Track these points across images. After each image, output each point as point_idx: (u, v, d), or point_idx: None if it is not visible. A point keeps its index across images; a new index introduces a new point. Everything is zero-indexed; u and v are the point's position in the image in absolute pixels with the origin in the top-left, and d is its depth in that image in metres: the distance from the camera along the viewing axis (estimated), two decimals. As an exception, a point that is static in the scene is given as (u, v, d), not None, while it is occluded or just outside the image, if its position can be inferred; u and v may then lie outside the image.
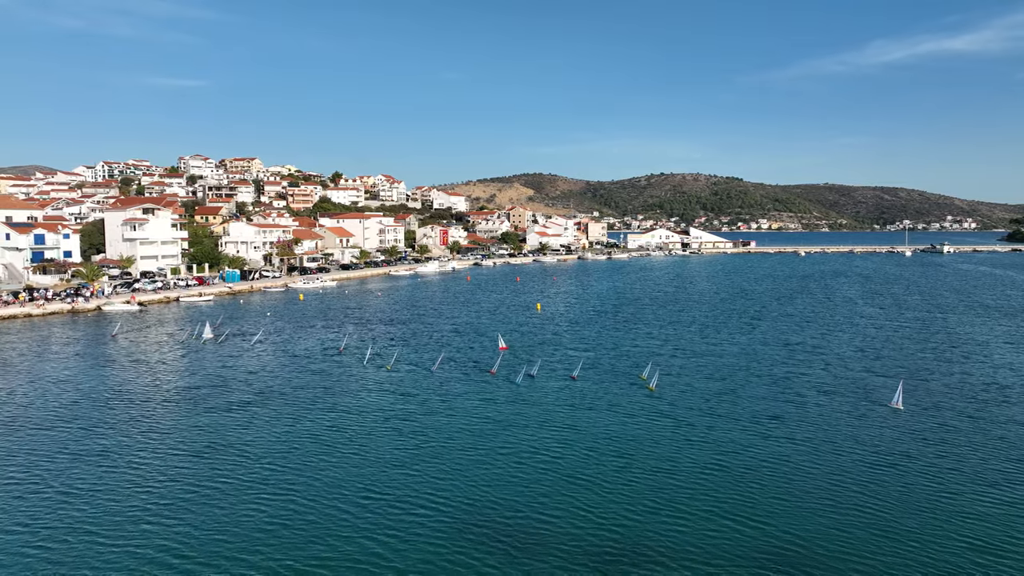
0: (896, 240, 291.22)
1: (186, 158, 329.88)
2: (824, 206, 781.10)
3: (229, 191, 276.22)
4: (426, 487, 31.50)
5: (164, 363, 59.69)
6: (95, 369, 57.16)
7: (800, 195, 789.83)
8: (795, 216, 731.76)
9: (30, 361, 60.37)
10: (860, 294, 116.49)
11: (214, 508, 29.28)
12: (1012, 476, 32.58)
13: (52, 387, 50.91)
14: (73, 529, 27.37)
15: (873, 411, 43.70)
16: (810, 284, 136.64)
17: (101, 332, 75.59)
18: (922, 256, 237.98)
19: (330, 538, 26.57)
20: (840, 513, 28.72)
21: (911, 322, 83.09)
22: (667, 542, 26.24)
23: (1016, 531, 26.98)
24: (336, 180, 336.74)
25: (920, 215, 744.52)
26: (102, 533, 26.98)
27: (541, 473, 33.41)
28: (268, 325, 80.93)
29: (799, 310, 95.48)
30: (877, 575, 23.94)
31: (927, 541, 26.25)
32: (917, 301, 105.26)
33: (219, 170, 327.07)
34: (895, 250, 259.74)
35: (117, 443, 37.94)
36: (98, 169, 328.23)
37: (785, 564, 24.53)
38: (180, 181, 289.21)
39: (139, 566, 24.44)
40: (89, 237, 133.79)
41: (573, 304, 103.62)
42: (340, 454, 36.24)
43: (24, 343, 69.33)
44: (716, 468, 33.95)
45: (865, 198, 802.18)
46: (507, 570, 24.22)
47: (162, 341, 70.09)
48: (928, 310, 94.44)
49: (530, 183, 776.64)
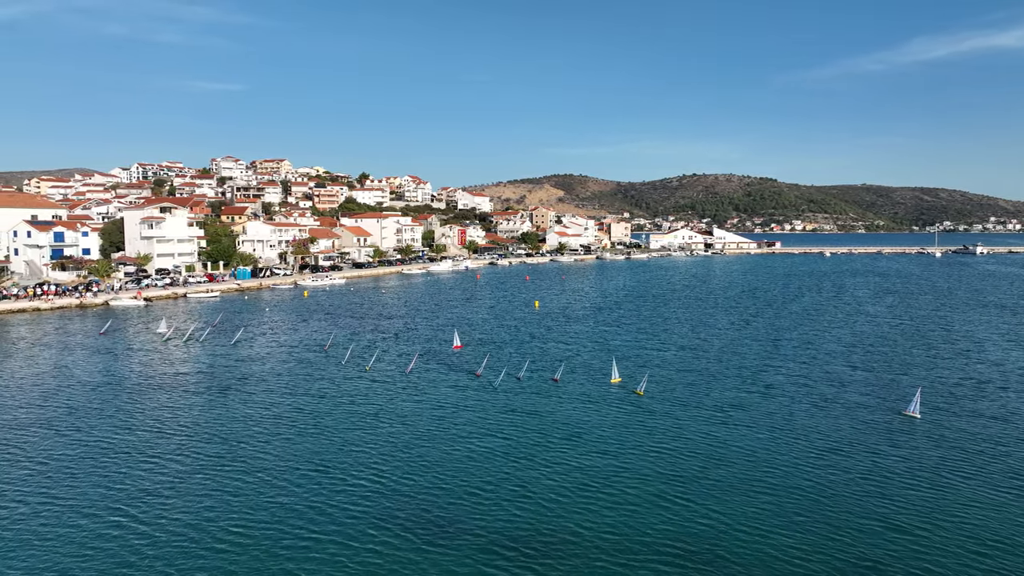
0: (927, 241, 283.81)
1: (218, 160, 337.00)
2: (861, 207, 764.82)
3: (257, 192, 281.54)
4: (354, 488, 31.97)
5: (123, 358, 61.28)
6: (34, 365, 59.01)
7: (836, 196, 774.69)
8: (830, 217, 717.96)
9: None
10: (869, 295, 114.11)
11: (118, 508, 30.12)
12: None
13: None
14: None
15: (832, 406, 43.06)
16: (824, 282, 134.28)
17: (94, 327, 77.78)
18: (952, 257, 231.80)
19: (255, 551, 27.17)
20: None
21: (910, 320, 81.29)
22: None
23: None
24: (362, 181, 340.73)
25: (962, 216, 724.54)
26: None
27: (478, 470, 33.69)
28: (254, 322, 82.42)
29: (802, 307, 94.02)
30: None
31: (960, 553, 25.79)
32: (928, 300, 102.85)
33: (249, 171, 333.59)
34: (925, 251, 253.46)
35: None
36: (133, 171, 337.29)
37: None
38: (211, 182, 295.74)
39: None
40: (109, 235, 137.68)
41: (573, 301, 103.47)
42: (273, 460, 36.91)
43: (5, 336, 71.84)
44: (690, 459, 33.87)
45: (904, 199, 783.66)
46: (422, 563, 24.58)
47: (142, 339, 71.32)
48: (935, 308, 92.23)
49: (560, 184, 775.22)
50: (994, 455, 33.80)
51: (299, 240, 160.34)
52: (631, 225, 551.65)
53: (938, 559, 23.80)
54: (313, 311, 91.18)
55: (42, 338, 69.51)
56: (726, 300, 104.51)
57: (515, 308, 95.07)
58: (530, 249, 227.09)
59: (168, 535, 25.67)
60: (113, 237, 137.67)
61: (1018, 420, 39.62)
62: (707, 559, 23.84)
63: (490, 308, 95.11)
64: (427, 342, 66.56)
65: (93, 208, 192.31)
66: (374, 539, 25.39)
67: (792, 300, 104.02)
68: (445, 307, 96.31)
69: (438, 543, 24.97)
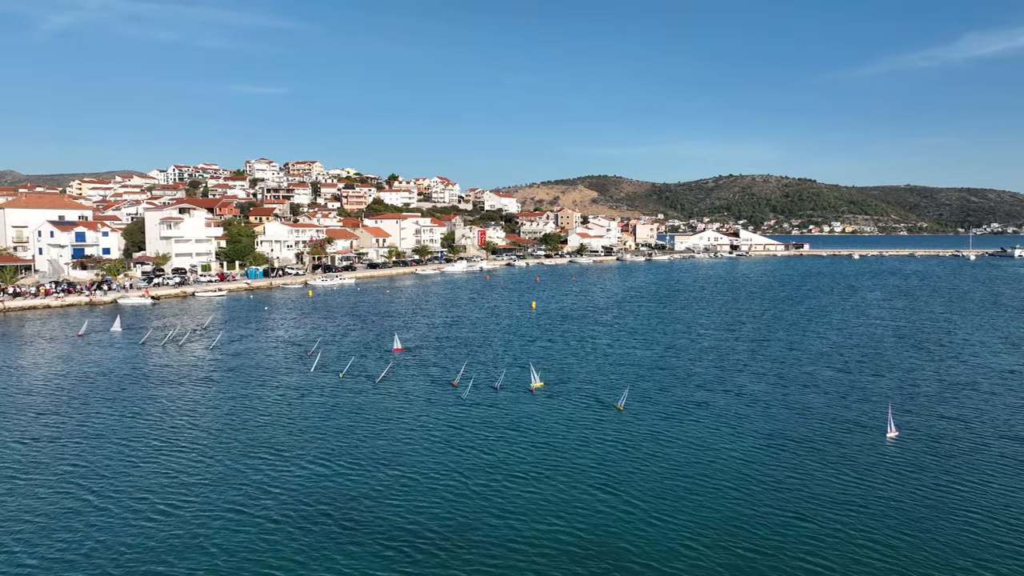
0: (968, 243, 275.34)
1: (252, 161, 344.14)
2: (904, 208, 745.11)
3: (286, 193, 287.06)
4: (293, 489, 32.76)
5: (83, 360, 63.24)
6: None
7: (877, 197, 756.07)
8: (871, 219, 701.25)
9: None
10: (880, 297, 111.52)
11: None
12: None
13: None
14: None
15: (780, 410, 42.51)
16: (839, 284, 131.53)
17: (76, 327, 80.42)
18: (987, 260, 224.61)
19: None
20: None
21: (908, 323, 79.35)
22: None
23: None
24: (391, 182, 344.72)
25: (1011, 218, 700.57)
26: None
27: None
28: (248, 322, 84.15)
29: (806, 309, 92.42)
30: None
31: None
32: (940, 302, 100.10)
33: (281, 173, 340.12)
34: (959, 253, 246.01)
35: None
36: (169, 172, 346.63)
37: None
38: (243, 184, 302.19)
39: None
40: (131, 235, 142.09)
41: (575, 302, 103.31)
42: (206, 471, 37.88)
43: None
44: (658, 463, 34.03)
45: (949, 200, 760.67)
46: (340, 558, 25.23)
47: (117, 341, 73.34)
48: (944, 311, 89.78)
49: (594, 185, 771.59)
50: (961, 465, 33.07)
51: (316, 241, 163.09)
52: (665, 226, 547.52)
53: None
54: (311, 311, 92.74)
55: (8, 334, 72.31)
56: (731, 301, 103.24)
57: (513, 308, 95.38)
58: (549, 250, 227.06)
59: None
60: (135, 237, 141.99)
61: (980, 425, 38.64)
62: (618, 557, 23.98)
63: (491, 308, 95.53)
64: (430, 350, 67.41)
65: (123, 209, 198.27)
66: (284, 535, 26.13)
67: (798, 302, 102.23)
68: (447, 307, 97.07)
69: (351, 541, 25.59)
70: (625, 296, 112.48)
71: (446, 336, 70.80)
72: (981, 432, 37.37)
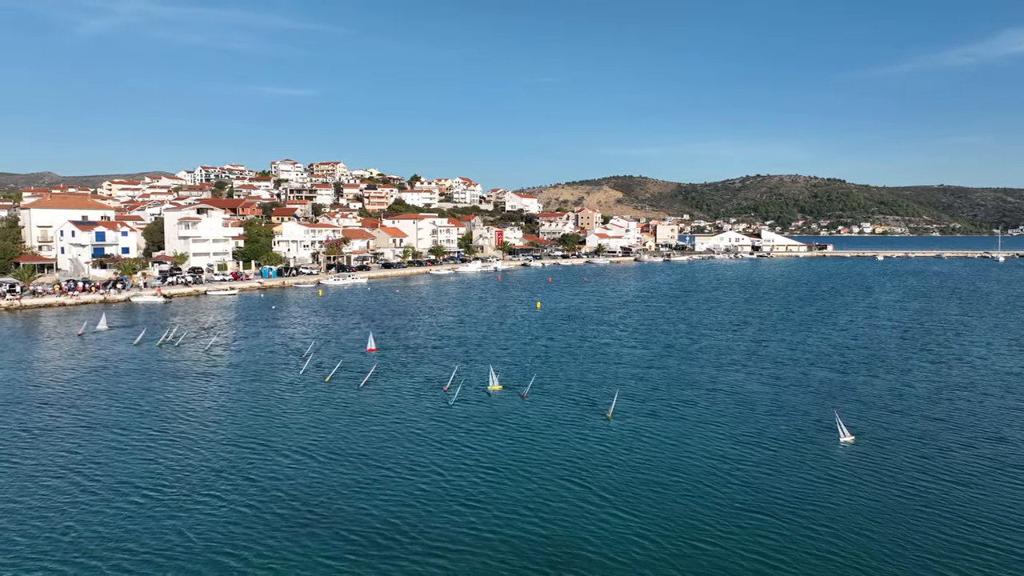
0: (993, 244, 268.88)
1: (277, 162, 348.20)
2: (936, 209, 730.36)
3: (309, 193, 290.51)
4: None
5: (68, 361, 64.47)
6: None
7: (909, 197, 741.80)
8: (902, 220, 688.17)
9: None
10: (895, 298, 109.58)
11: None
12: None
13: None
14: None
15: (761, 416, 42.04)
16: (855, 285, 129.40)
17: (78, 325, 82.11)
18: (1017, 261, 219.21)
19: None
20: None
21: (923, 322, 77.88)
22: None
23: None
24: (413, 183, 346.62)
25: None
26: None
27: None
28: (249, 322, 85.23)
29: (816, 309, 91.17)
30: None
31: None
32: (955, 304, 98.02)
33: (305, 174, 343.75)
34: (988, 255, 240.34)
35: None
36: (196, 173, 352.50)
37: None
38: (268, 184, 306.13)
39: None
40: (151, 235, 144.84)
41: (581, 303, 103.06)
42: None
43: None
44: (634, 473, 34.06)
45: (984, 200, 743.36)
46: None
47: (116, 342, 75.05)
48: (960, 312, 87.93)
49: (619, 186, 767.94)
50: (931, 467, 32.54)
51: (332, 241, 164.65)
52: (691, 227, 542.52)
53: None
54: (318, 310, 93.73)
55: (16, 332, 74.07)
56: (741, 302, 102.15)
57: (517, 309, 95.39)
58: (566, 251, 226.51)
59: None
60: (155, 237, 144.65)
61: (966, 426, 37.87)
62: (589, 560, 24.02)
63: (496, 309, 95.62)
64: (400, 342, 67.79)
65: (147, 209, 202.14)
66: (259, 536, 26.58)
67: (809, 303, 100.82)
68: (454, 306, 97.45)
69: (325, 532, 25.96)
70: (635, 297, 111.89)
71: (447, 336, 71.05)
72: (964, 433, 36.71)
